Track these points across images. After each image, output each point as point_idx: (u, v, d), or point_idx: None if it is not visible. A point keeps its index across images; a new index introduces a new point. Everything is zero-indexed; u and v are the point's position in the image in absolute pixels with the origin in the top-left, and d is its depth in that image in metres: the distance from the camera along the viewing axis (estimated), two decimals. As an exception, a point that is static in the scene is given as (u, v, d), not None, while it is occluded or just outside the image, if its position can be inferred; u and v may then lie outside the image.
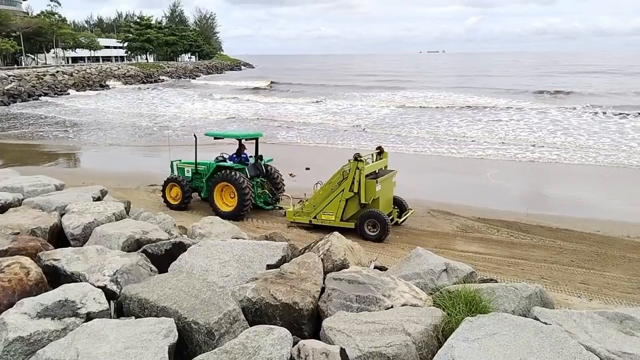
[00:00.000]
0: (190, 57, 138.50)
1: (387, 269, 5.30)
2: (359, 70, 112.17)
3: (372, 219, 11.50)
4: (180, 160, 15.30)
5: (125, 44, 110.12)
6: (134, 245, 4.96)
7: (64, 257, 4.39)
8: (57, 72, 67.73)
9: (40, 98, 53.33)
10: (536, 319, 3.52)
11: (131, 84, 76.28)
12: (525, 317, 3.61)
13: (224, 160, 14.31)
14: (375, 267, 5.22)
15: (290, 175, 17.00)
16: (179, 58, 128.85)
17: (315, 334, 3.78)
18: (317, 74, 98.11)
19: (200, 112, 39.16)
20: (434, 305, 3.89)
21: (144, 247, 4.74)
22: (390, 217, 12.09)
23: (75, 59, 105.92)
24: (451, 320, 3.58)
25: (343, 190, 11.89)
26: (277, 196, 14.22)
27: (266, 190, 14.31)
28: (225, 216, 12.96)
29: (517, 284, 4.11)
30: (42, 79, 61.55)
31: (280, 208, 13.75)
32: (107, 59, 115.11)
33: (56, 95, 56.62)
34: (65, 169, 20.48)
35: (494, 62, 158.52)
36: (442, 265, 4.45)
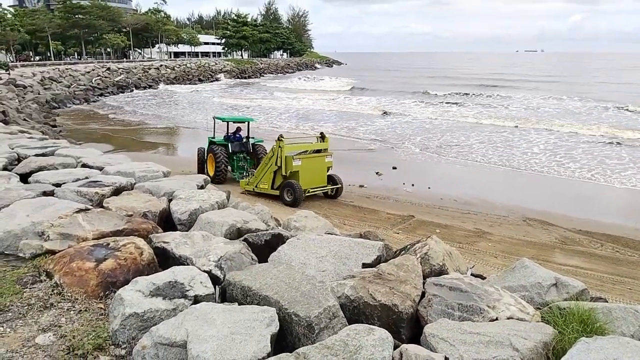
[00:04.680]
0: (282, 54, 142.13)
1: (485, 277, 5.07)
2: (451, 71, 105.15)
3: (288, 188, 14.19)
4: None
5: (223, 41, 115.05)
6: (235, 233, 5.13)
7: (172, 241, 4.63)
8: (161, 65, 72.47)
9: (146, 89, 57.35)
10: (663, 347, 3.17)
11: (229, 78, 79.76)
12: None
13: (228, 138, 17.54)
14: (472, 275, 5.01)
15: (377, 173, 17.55)
16: (272, 55, 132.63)
17: (413, 339, 3.68)
18: (403, 75, 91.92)
19: (281, 109, 39.55)
20: (542, 321, 3.64)
21: (245, 236, 4.88)
22: (324, 191, 15.03)
23: (177, 54, 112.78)
24: (563, 339, 3.33)
25: (272, 164, 14.53)
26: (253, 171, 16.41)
27: (247, 165, 17.34)
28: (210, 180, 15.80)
29: (638, 306, 3.74)
30: (147, 72, 66.13)
31: None
32: (205, 54, 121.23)
33: (157, 87, 60.51)
34: (166, 157, 21.85)
35: (606, 64, 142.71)
36: (551, 279, 4.15)
